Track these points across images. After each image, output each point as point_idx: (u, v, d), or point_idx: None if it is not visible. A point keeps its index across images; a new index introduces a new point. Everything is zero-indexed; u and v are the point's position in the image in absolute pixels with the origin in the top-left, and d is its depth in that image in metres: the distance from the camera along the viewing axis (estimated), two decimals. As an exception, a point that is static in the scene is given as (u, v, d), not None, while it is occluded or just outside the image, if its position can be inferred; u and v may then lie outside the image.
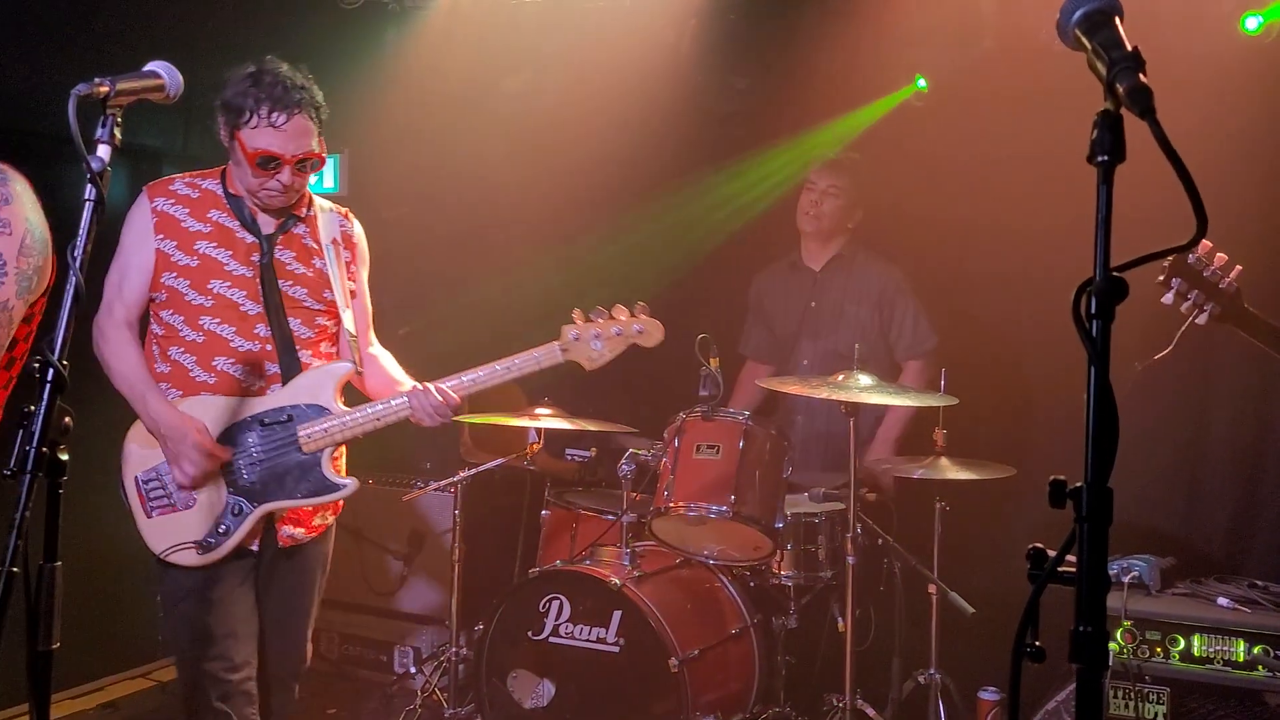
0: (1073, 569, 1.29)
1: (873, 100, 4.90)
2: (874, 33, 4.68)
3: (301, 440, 2.92)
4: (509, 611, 3.81)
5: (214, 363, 2.92)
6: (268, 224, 3.00)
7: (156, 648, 4.85)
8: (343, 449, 3.09)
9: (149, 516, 2.90)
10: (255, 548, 2.98)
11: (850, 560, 3.74)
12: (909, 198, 4.77)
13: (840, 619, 3.83)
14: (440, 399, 2.95)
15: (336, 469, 3.03)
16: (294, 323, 2.98)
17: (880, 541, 4.02)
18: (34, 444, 1.64)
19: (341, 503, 3.14)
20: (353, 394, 3.09)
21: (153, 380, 2.90)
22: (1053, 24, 1.51)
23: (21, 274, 2.10)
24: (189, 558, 2.88)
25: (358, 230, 3.20)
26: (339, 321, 3.09)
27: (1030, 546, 1.35)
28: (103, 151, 1.83)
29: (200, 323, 2.92)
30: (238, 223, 2.97)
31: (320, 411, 2.94)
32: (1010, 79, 4.56)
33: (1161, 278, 2.61)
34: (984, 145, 4.67)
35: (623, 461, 3.95)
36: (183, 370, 2.93)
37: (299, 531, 3.06)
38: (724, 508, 3.71)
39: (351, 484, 3.01)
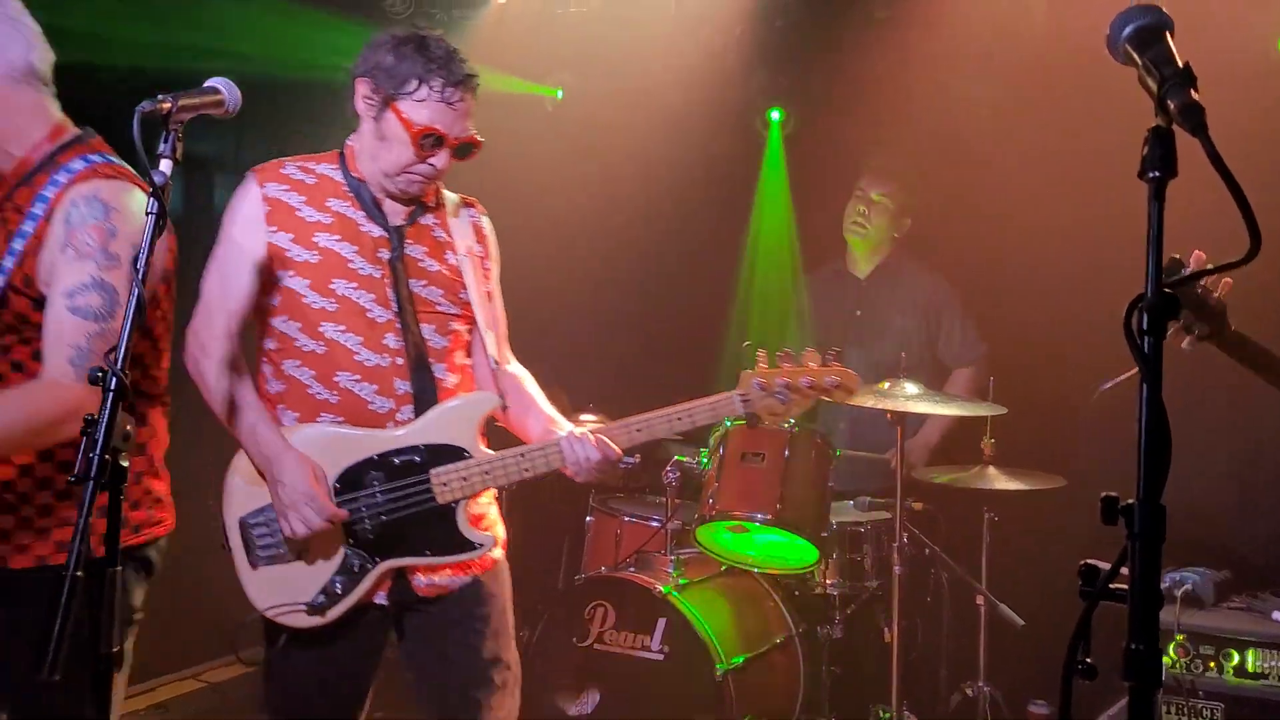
0: (1125, 586, 1.28)
1: (920, 106, 4.86)
2: (920, 36, 4.66)
3: (435, 488, 2.46)
4: (553, 618, 3.83)
5: (336, 378, 2.47)
6: (395, 214, 2.55)
7: (206, 649, 4.92)
8: (490, 494, 2.64)
9: (253, 567, 2.49)
10: (382, 600, 2.51)
11: (897, 570, 3.72)
12: (955, 202, 4.75)
13: (886, 629, 3.82)
14: (599, 453, 2.46)
15: (474, 521, 2.53)
16: (426, 330, 2.53)
17: (927, 551, 4.00)
18: (97, 452, 1.68)
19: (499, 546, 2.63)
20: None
21: (263, 407, 2.48)
22: (1102, 30, 1.51)
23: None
24: (298, 620, 2.46)
25: (488, 224, 2.73)
26: (474, 326, 2.62)
27: (1082, 563, 1.34)
28: (165, 166, 1.87)
29: (321, 330, 2.47)
30: (362, 213, 2.52)
31: (458, 454, 2.47)
32: (1058, 83, 4.52)
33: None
34: (1031, 149, 4.63)
35: (668, 468, 3.96)
36: (299, 388, 2.49)
37: (441, 578, 2.54)
38: (769, 515, 3.71)
39: (489, 540, 2.52)
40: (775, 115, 5.26)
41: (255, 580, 2.48)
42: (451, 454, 2.47)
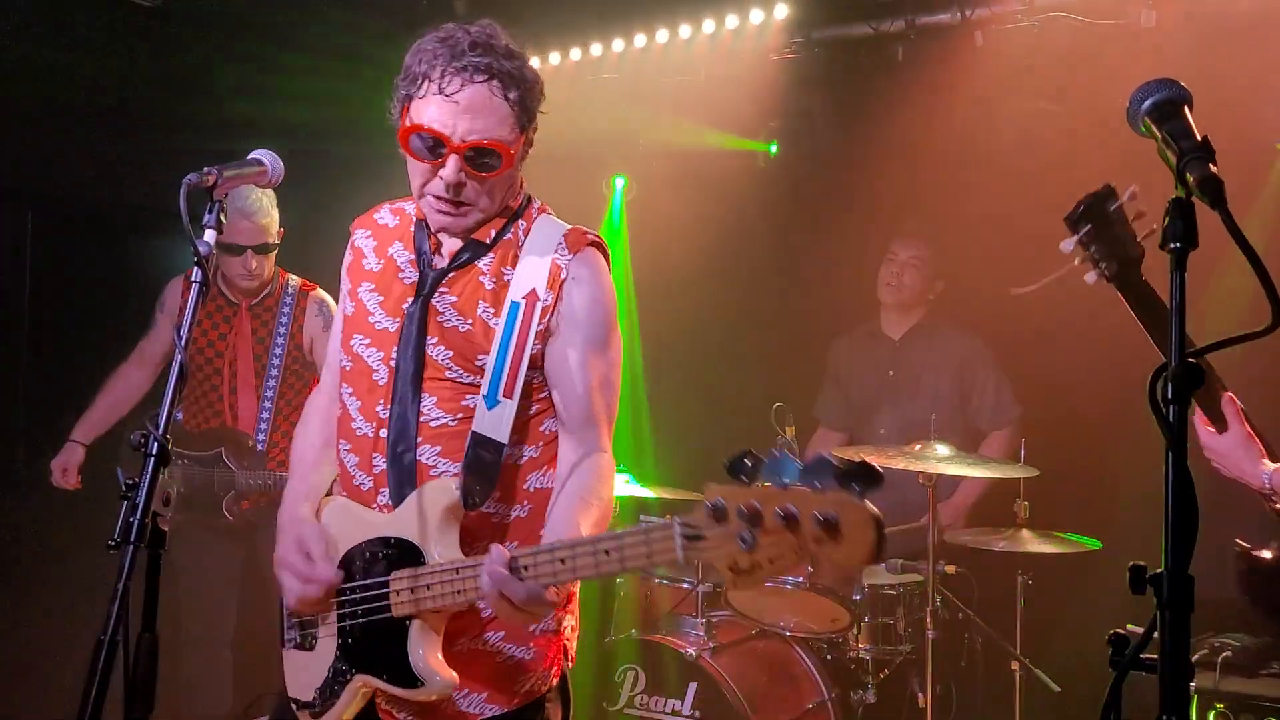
0: (1155, 656, 1.27)
1: (953, 171, 4.90)
2: (953, 101, 4.71)
3: (390, 595, 1.99)
4: (584, 682, 3.81)
5: (340, 445, 2.16)
6: (445, 256, 2.11)
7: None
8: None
9: (282, 645, 2.21)
10: None
11: (930, 634, 3.68)
12: (988, 263, 4.76)
13: (920, 694, 3.76)
14: (493, 587, 1.82)
15: (434, 652, 1.98)
16: (426, 403, 2.03)
17: (960, 615, 3.95)
18: (138, 515, 1.71)
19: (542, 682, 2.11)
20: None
21: (305, 469, 2.22)
22: (1127, 94, 1.53)
23: None
24: (303, 715, 2.14)
25: (580, 268, 2.06)
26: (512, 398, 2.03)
27: (1111, 632, 1.34)
28: (209, 236, 1.93)
29: (341, 391, 2.16)
30: (408, 255, 2.13)
31: (416, 557, 1.98)
32: (1089, 141, 4.55)
33: (1072, 217, 2.13)
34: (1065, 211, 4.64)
35: (698, 530, 3.94)
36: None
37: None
38: (800, 578, 3.69)
39: (437, 684, 1.95)
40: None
41: (285, 661, 2.20)
42: (413, 555, 1.98)
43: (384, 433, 2.06)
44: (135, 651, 1.71)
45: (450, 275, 2.08)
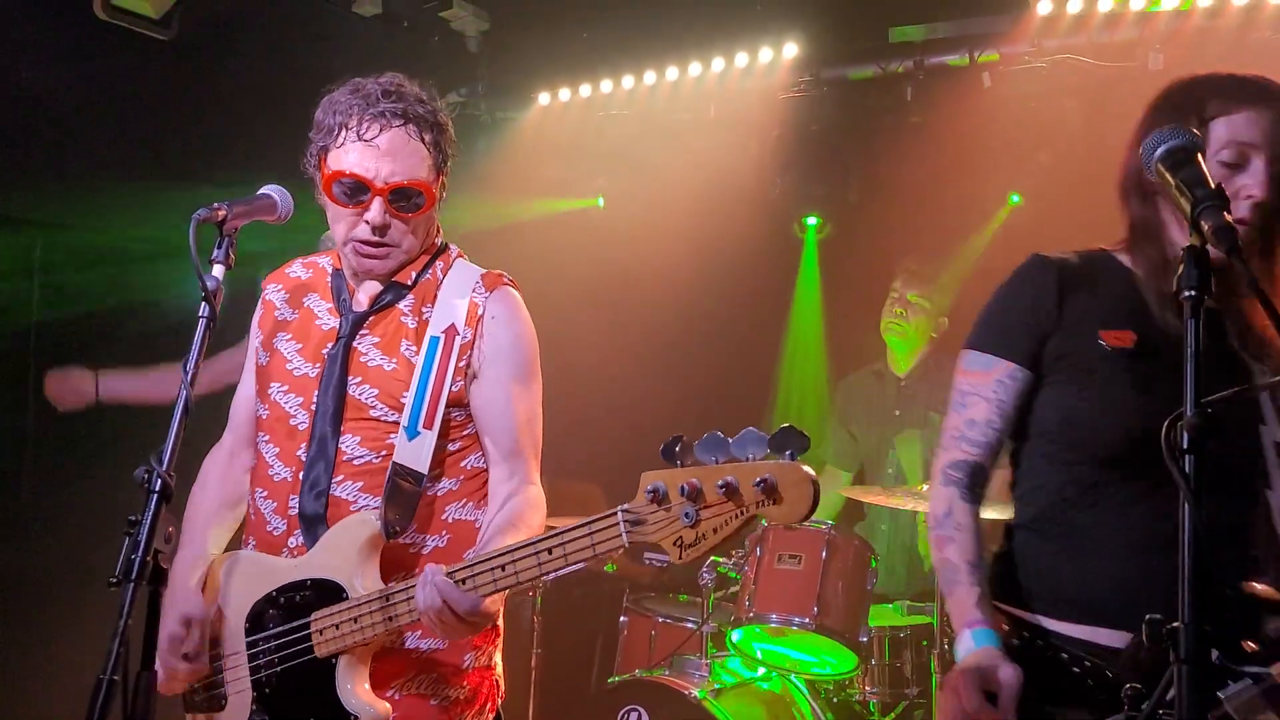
0: (1172, 711, 1.24)
1: (959, 209, 4.90)
2: (954, 141, 4.72)
3: (313, 636, 2.01)
4: (587, 721, 3.76)
5: (255, 494, 2.17)
6: (364, 300, 2.17)
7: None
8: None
9: (186, 710, 2.20)
10: None
11: (938, 676, 3.64)
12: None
13: (927, 739, 3.72)
14: (438, 599, 1.86)
15: (361, 685, 2.00)
16: (348, 442, 2.08)
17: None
18: (139, 553, 1.70)
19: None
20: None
21: (202, 531, 2.21)
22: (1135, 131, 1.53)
23: None
24: None
25: (498, 306, 2.16)
26: (455, 437, 2.13)
27: (1128, 686, 1.31)
28: (217, 271, 1.93)
29: (258, 441, 2.20)
30: (326, 304, 2.20)
31: (336, 594, 2.01)
32: (1098, 187, 4.55)
33: None
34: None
35: (703, 569, 3.92)
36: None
37: None
38: (806, 619, 3.65)
39: (370, 715, 1.97)
40: (811, 220, 5.34)
41: None
42: (333, 593, 2.01)
43: (303, 475, 2.09)
44: (133, 690, 1.69)
45: (371, 318, 2.15)
